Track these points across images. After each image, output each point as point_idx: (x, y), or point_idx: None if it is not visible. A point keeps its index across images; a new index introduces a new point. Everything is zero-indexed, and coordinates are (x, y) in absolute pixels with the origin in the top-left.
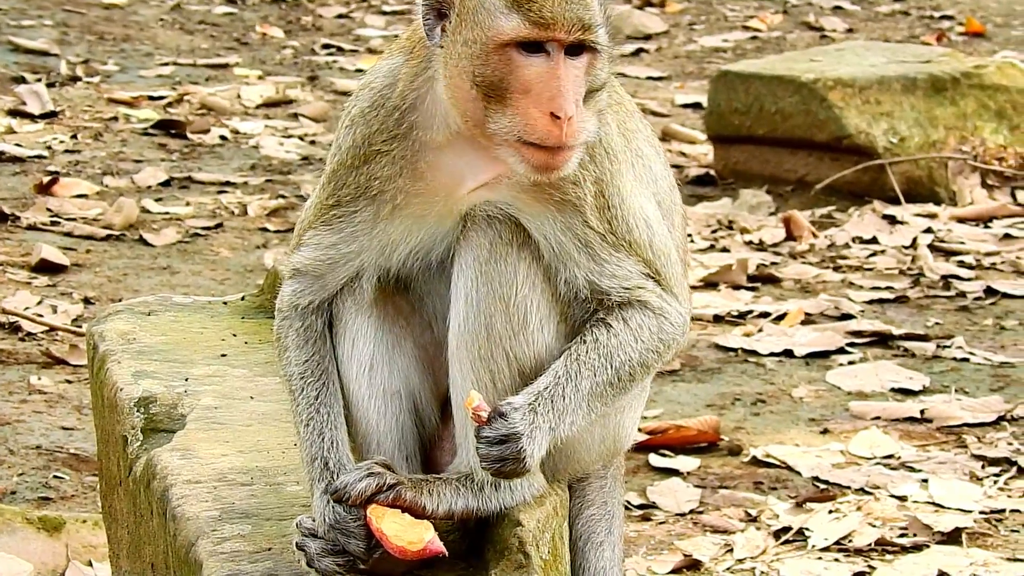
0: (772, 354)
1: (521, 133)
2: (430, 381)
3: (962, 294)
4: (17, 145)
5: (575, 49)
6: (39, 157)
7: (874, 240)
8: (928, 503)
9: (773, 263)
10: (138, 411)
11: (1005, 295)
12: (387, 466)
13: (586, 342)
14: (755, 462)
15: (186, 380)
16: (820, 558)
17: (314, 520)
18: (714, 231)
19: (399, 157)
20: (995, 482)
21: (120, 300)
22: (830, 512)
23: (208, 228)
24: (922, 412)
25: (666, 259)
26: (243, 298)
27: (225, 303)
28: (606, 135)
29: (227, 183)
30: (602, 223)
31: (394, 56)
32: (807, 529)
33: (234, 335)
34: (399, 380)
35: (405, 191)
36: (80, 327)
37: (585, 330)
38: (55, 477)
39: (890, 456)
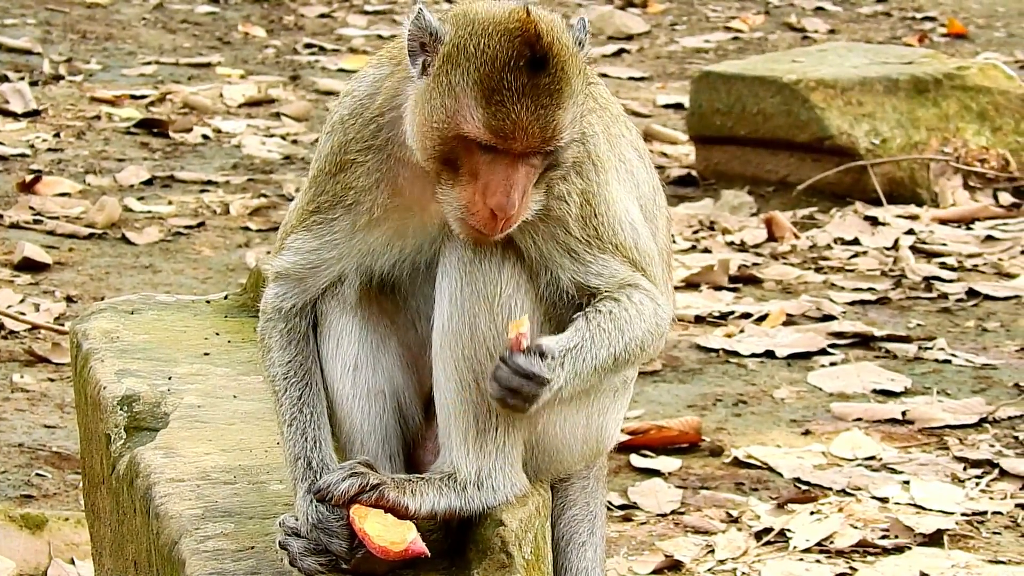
0: (754, 355)
1: (460, 212)
2: (414, 380)
3: (944, 296)
4: (0, 144)
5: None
6: (22, 155)
7: (856, 241)
8: (910, 505)
9: (755, 264)
10: (121, 409)
11: (987, 297)
12: (370, 466)
13: (601, 312)
14: (736, 463)
15: (169, 379)
16: (802, 559)
17: (297, 519)
18: (696, 232)
19: (374, 169)
20: (977, 484)
21: (103, 299)
22: (812, 513)
23: (190, 227)
24: (904, 414)
25: (650, 259)
26: (226, 297)
27: (208, 302)
28: (593, 145)
29: (209, 182)
30: (587, 230)
31: (382, 66)
32: (788, 530)
33: (217, 334)
34: (383, 380)
35: (383, 205)
36: (63, 325)
37: (596, 303)
38: (37, 475)
39: (872, 457)
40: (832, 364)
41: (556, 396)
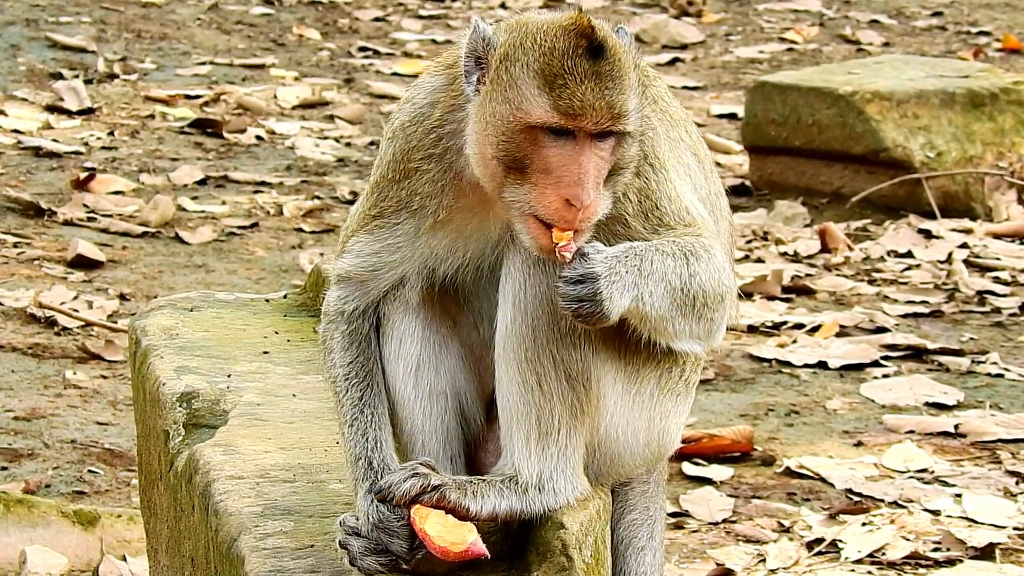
0: (806, 365)
1: (534, 210)
2: (476, 382)
3: (997, 310)
4: (54, 141)
5: (603, 133)
6: (76, 153)
7: (909, 254)
8: (962, 518)
9: (808, 275)
10: (180, 406)
11: None
12: (431, 467)
13: (665, 239)
14: (788, 473)
15: (228, 376)
16: (853, 570)
17: (357, 519)
18: (749, 242)
19: (438, 177)
20: None
21: (155, 297)
22: (863, 524)
23: (244, 227)
24: (956, 427)
25: (716, 236)
26: (285, 296)
27: (267, 300)
28: (652, 145)
29: (263, 183)
30: (649, 222)
31: (438, 75)
32: (840, 541)
33: (276, 332)
34: (445, 381)
35: (447, 207)
36: (115, 323)
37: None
38: (89, 471)
39: (924, 470)
40: (885, 376)
41: (637, 296)
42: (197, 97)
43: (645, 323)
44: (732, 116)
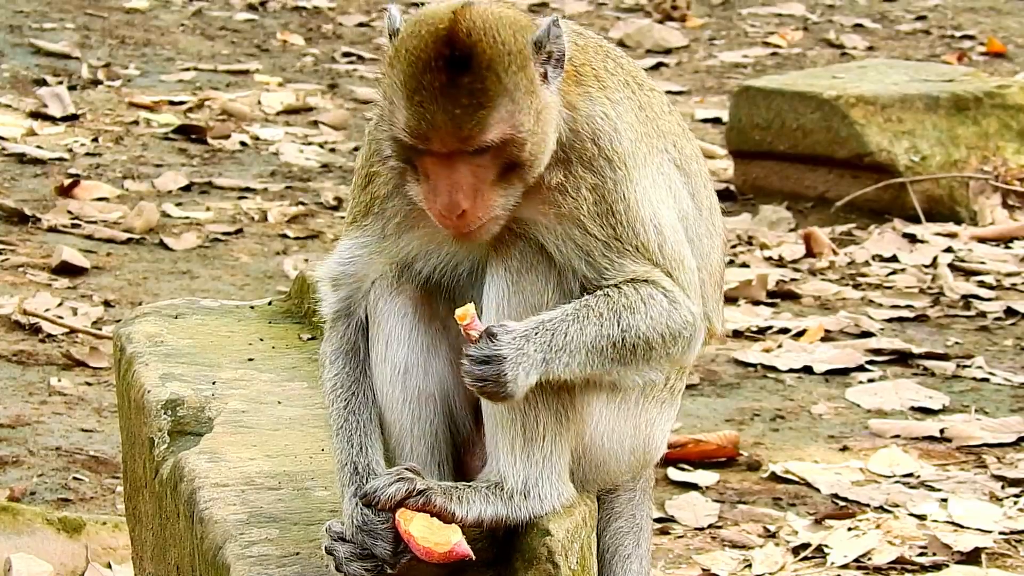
0: (791, 370)
1: (429, 212)
2: (464, 386)
3: (982, 314)
4: (38, 147)
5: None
6: (60, 159)
7: (894, 258)
8: (948, 522)
9: (793, 279)
10: (165, 413)
11: None
12: (417, 472)
13: (597, 296)
14: (774, 478)
15: (213, 383)
16: (839, 575)
17: (343, 524)
18: (734, 246)
19: (390, 179)
20: (1015, 503)
21: (140, 303)
22: (849, 529)
23: (228, 233)
24: (942, 431)
25: (678, 264)
26: (270, 303)
27: (252, 307)
28: (608, 143)
29: (247, 189)
30: (604, 229)
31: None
32: (826, 546)
33: (261, 339)
34: (434, 384)
35: (404, 210)
36: (100, 329)
37: (597, 290)
38: (74, 478)
39: (910, 475)
40: (870, 381)
41: (548, 371)
42: (181, 103)
43: (576, 380)
44: (716, 120)
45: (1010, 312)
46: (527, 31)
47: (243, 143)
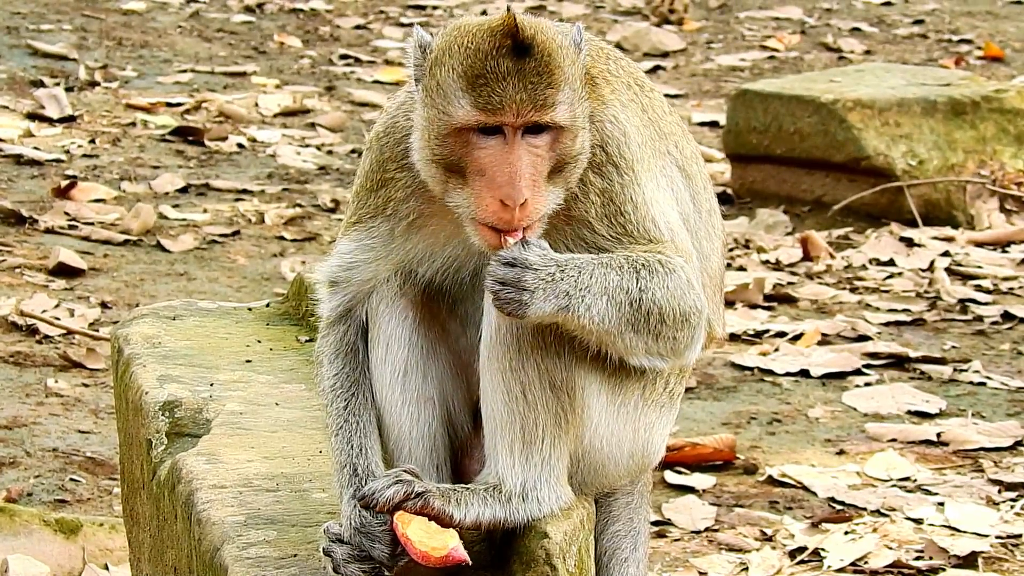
0: (788, 374)
1: (475, 214)
2: (463, 388)
3: (979, 318)
4: (35, 148)
5: (537, 128)
6: (57, 161)
7: (891, 262)
8: (944, 526)
9: (790, 283)
10: (163, 415)
11: (1022, 320)
12: (415, 474)
13: (618, 253)
14: (771, 481)
15: (211, 385)
16: None
17: (341, 526)
18: (731, 250)
19: (409, 184)
20: (1012, 507)
21: (137, 305)
22: (846, 533)
23: (225, 235)
24: (938, 435)
25: (688, 258)
26: (268, 305)
27: (250, 309)
28: (616, 147)
29: (244, 191)
30: (613, 228)
31: (408, 84)
32: (823, 550)
33: (259, 341)
34: (433, 386)
35: (419, 212)
36: (97, 331)
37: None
38: (71, 480)
39: (906, 478)
40: (867, 384)
41: (568, 307)
42: (178, 105)
43: (587, 334)
44: (714, 124)
45: (1007, 316)
46: (567, 34)
47: (240, 145)
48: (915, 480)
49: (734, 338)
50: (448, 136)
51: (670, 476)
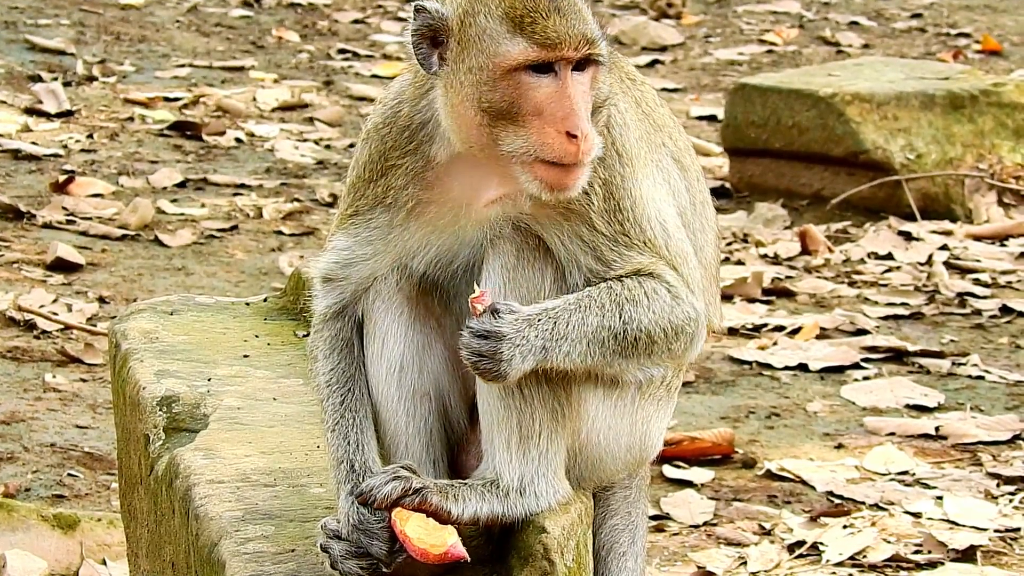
0: (787, 368)
1: (538, 153)
2: (460, 384)
3: (978, 312)
4: (33, 143)
5: (580, 64)
6: (55, 156)
7: (889, 256)
8: (943, 520)
9: (788, 277)
10: (160, 410)
11: (1020, 314)
12: (412, 470)
13: (601, 288)
14: (769, 475)
15: (209, 380)
16: (834, 573)
17: (339, 522)
18: (729, 244)
19: (410, 169)
20: (1010, 500)
21: (135, 300)
22: (844, 527)
23: (223, 230)
24: (937, 429)
25: (683, 261)
26: (266, 299)
27: (248, 304)
28: (619, 135)
29: (242, 185)
30: (611, 226)
31: (405, 74)
32: (821, 544)
33: (257, 336)
34: (429, 382)
35: (417, 198)
36: (95, 326)
37: (601, 282)
38: (69, 475)
39: (905, 472)
40: (865, 378)
41: (546, 358)
42: (176, 99)
43: (574, 369)
44: (712, 118)
45: (1005, 310)
46: None
47: (238, 140)
48: (914, 474)
49: (732, 332)
50: (499, 80)
51: (668, 470)
